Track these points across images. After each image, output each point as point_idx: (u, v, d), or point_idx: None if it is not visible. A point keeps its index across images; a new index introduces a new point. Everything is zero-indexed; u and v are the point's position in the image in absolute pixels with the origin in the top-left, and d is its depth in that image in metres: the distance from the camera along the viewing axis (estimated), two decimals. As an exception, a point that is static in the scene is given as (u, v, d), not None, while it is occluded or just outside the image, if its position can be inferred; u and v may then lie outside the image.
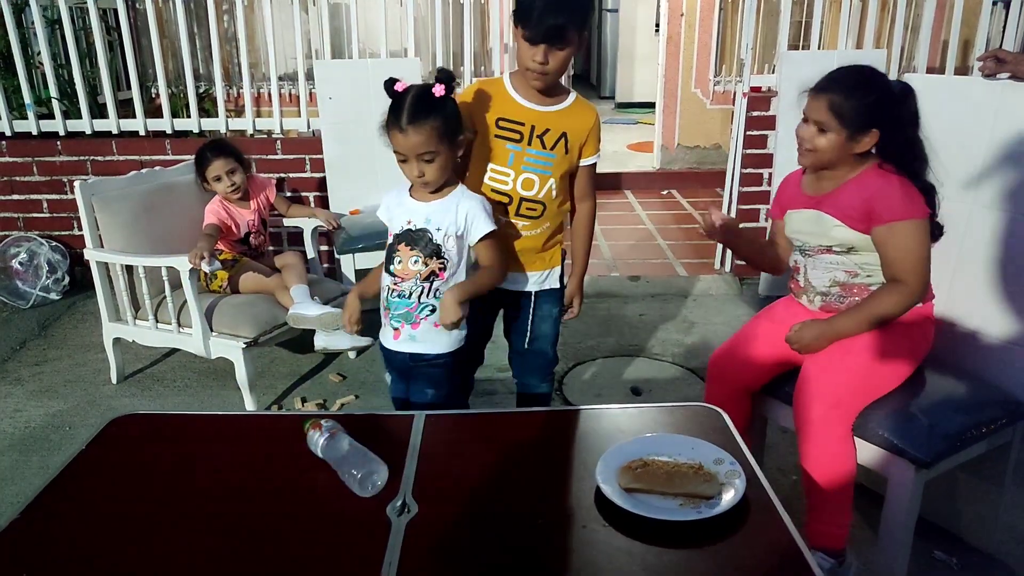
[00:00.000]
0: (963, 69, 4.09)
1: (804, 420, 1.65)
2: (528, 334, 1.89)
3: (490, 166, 1.72)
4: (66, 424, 2.59)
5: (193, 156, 2.79)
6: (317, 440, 1.24)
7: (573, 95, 1.74)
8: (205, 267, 2.42)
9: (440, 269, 1.62)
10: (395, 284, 1.65)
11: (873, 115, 1.63)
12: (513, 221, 1.75)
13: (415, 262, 1.62)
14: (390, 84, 1.55)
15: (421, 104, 1.52)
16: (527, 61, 1.60)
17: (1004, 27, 3.93)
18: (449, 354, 1.69)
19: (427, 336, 1.67)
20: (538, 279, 1.85)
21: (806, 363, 1.72)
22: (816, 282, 1.79)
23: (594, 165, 1.80)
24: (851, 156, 1.68)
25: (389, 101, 1.55)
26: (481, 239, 1.65)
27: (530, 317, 1.88)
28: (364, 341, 2.60)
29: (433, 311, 1.64)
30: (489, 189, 1.73)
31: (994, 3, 3.81)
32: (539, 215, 1.75)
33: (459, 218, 1.62)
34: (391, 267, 1.65)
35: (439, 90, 1.53)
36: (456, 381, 1.80)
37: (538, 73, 1.61)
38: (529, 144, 1.69)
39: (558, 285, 1.90)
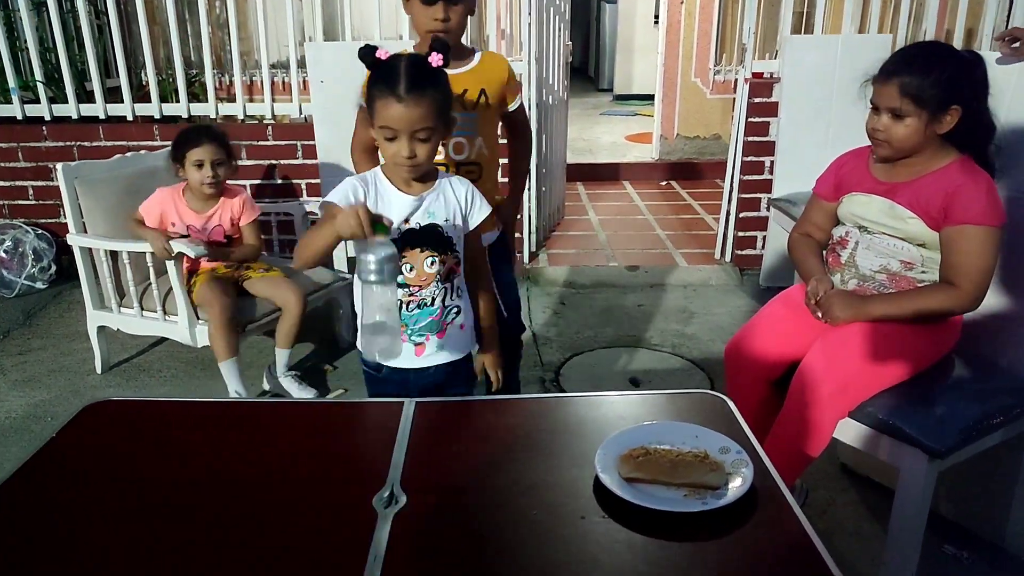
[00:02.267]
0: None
1: (807, 398, 1.59)
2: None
3: None
4: (48, 414, 2.52)
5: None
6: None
7: (479, 53, 1.79)
8: (190, 252, 2.35)
9: (455, 264, 1.47)
10: (412, 295, 1.46)
11: (952, 91, 1.52)
12: None
13: (431, 264, 1.44)
14: (370, 52, 1.37)
15: (420, 73, 1.34)
16: (427, 23, 1.65)
17: (1008, 16, 3.87)
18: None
19: (455, 339, 1.52)
20: (488, 236, 1.81)
21: (818, 343, 1.65)
22: (864, 263, 1.67)
23: (521, 107, 1.92)
24: (934, 141, 1.57)
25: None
26: (482, 222, 1.51)
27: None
28: (311, 392, 2.63)
29: (459, 312, 1.51)
30: None
31: (999, -10, 3.74)
32: (478, 177, 1.74)
33: (460, 202, 1.46)
34: (399, 277, 1.44)
35: (436, 59, 1.38)
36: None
37: (440, 32, 1.64)
38: None
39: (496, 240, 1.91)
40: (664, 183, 5.64)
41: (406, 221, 1.43)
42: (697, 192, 5.31)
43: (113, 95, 3.69)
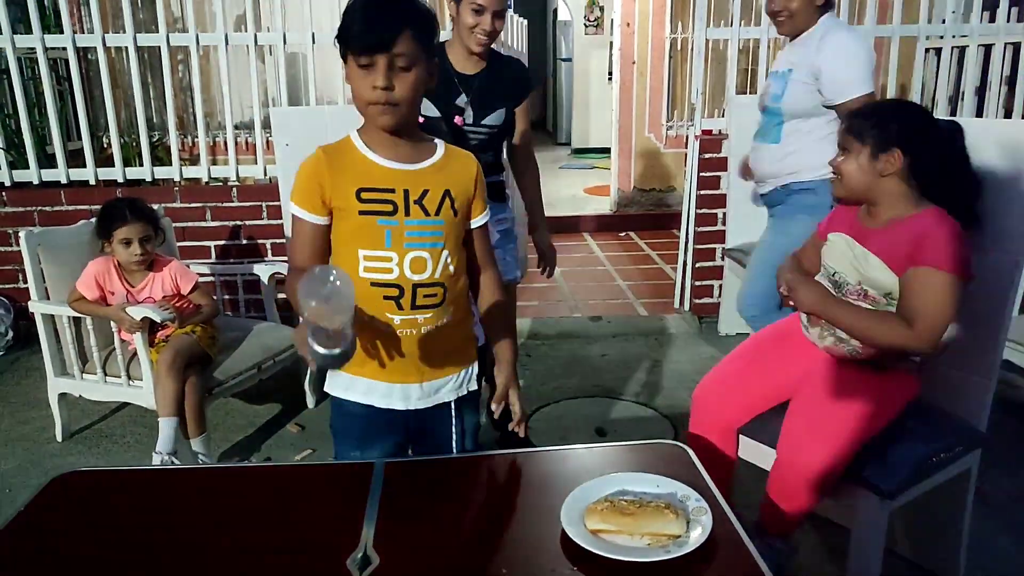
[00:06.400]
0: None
1: (804, 464, 1.59)
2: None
3: (362, 253, 1.31)
4: (6, 486, 2.46)
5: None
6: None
7: (441, 144, 1.38)
8: (156, 316, 2.35)
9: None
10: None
11: (893, 135, 1.61)
12: (411, 317, 1.34)
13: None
14: None
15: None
16: (367, 94, 1.24)
17: (936, 73, 4.16)
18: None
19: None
20: (456, 383, 1.45)
21: (797, 403, 1.69)
22: None
23: (486, 226, 1.44)
24: (902, 190, 1.62)
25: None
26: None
27: (453, 436, 1.48)
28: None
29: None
30: (368, 284, 1.31)
31: (926, 51, 4.03)
32: (440, 301, 1.35)
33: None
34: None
35: None
36: None
37: (383, 105, 1.24)
38: (407, 214, 1.30)
39: (476, 387, 1.51)
40: (623, 234, 5.79)
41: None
42: (655, 243, 5.47)
43: (75, 158, 3.69)
